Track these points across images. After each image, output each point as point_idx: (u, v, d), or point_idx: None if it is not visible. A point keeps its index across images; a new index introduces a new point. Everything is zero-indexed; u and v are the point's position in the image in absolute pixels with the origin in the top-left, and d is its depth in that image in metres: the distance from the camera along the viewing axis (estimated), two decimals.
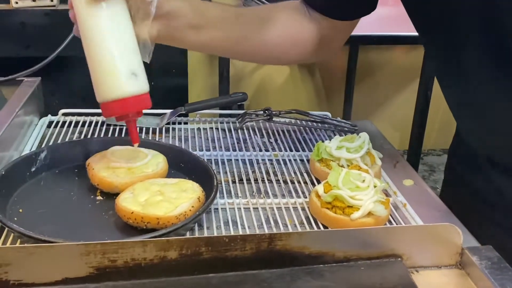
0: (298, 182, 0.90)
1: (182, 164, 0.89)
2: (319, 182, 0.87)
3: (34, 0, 1.28)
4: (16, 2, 1.26)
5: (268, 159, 0.97)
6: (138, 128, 1.05)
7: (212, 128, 1.09)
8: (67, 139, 1.01)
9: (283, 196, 0.86)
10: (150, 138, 1.02)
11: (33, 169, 0.86)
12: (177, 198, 0.76)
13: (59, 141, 1.00)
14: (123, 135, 1.03)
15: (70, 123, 1.07)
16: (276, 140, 1.06)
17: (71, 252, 0.59)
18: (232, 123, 1.12)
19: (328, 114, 1.14)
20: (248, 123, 1.10)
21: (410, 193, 0.88)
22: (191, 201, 0.76)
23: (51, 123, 1.08)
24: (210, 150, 1.00)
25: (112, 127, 1.05)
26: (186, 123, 1.10)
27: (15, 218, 0.76)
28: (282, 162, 0.97)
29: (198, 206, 0.76)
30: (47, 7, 1.29)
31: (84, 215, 0.79)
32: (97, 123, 1.07)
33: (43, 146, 0.98)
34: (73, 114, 1.10)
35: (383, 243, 0.66)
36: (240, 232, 0.76)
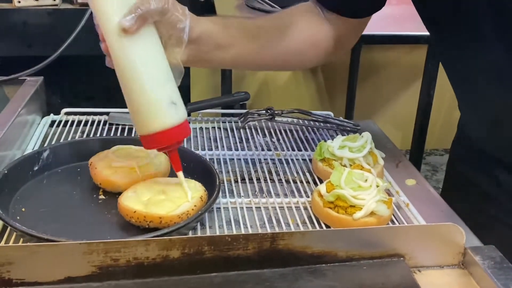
0: (301, 182, 0.90)
1: (184, 164, 0.89)
2: (321, 182, 0.87)
3: (37, 0, 1.28)
4: (19, 1, 1.26)
5: (271, 159, 0.97)
6: None
7: (215, 127, 1.09)
8: (69, 138, 1.01)
9: (286, 195, 0.86)
10: None
11: (35, 168, 0.86)
12: (179, 198, 0.76)
13: (61, 140, 1.00)
14: (125, 134, 1.03)
15: (73, 122, 1.07)
16: (278, 139, 1.06)
17: (73, 251, 0.59)
18: (235, 122, 1.12)
19: (331, 113, 1.14)
20: (251, 123, 1.10)
21: (412, 192, 0.88)
22: (193, 200, 0.76)
23: (53, 122, 1.08)
24: (212, 150, 1.00)
25: (114, 127, 1.06)
26: (188, 123, 1.10)
27: (18, 217, 0.76)
28: (284, 161, 0.97)
29: (201, 206, 0.76)
30: (50, 7, 1.29)
31: (87, 214, 0.79)
32: (99, 122, 1.07)
33: (45, 145, 0.98)
34: (75, 114, 1.10)
35: (386, 242, 0.66)
36: (243, 232, 0.76)
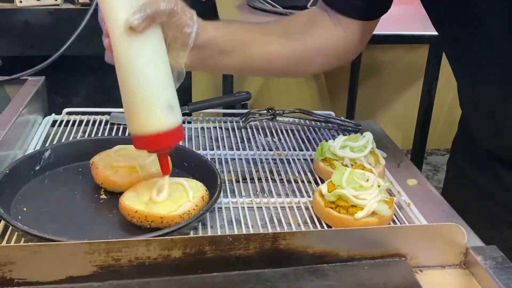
0: (302, 182, 0.90)
1: (185, 163, 0.89)
2: (322, 182, 0.87)
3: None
4: (20, 1, 1.26)
5: (272, 159, 0.97)
6: None
7: (216, 127, 1.09)
8: (71, 138, 1.01)
9: (287, 195, 0.86)
10: None
11: (37, 168, 0.86)
12: (180, 197, 0.76)
13: (63, 140, 1.00)
14: (127, 134, 1.03)
15: (74, 122, 1.07)
16: (279, 139, 1.06)
17: (75, 251, 0.60)
18: (236, 122, 1.12)
19: (332, 113, 1.14)
20: (252, 123, 1.10)
21: (414, 192, 0.88)
22: (194, 200, 0.76)
23: (55, 122, 1.08)
24: (213, 149, 1.00)
25: (116, 126, 1.06)
26: (189, 123, 1.11)
27: (19, 217, 0.76)
28: (285, 161, 0.97)
29: (202, 205, 0.76)
30: (51, 6, 1.29)
31: (88, 214, 0.79)
32: (101, 122, 1.07)
33: (47, 145, 0.98)
34: (77, 113, 1.10)
35: (387, 242, 0.66)
36: (244, 231, 0.76)
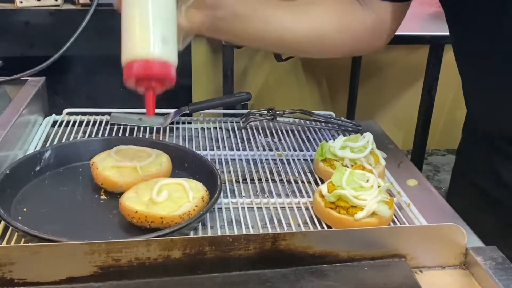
0: (302, 182, 0.90)
1: (186, 164, 0.89)
2: (323, 182, 0.87)
3: (39, 0, 1.28)
4: (21, 2, 1.26)
5: (272, 159, 0.97)
6: (142, 128, 1.05)
7: (216, 127, 1.09)
8: (71, 139, 1.01)
9: (287, 195, 0.86)
10: (154, 138, 1.02)
11: (37, 168, 0.86)
12: (180, 198, 0.76)
13: (63, 140, 1.00)
14: (127, 135, 1.03)
15: (74, 122, 1.07)
16: (280, 139, 1.06)
17: (75, 251, 0.60)
18: (236, 122, 1.12)
19: (332, 114, 1.14)
20: (252, 123, 1.10)
21: (414, 193, 0.88)
22: (195, 200, 0.76)
23: (55, 122, 1.08)
24: (214, 150, 1.00)
25: (116, 127, 1.06)
26: (190, 123, 1.11)
27: (20, 217, 0.76)
28: (286, 161, 0.97)
29: (202, 206, 0.76)
30: (52, 7, 1.29)
31: (88, 215, 0.79)
32: (101, 122, 1.07)
33: (47, 145, 0.98)
34: (77, 114, 1.10)
35: (387, 243, 0.66)
36: (244, 232, 0.76)
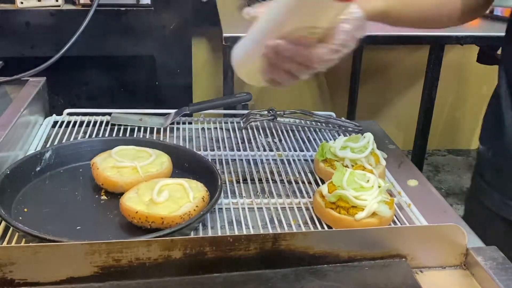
0: (302, 182, 0.90)
1: (186, 164, 0.89)
2: (323, 182, 0.87)
3: (39, 0, 1.28)
4: (21, 2, 1.26)
5: (272, 159, 0.97)
6: (142, 128, 1.05)
7: (217, 128, 1.09)
8: (71, 139, 1.01)
9: (287, 196, 0.86)
10: (155, 138, 1.03)
11: (38, 168, 0.86)
12: (181, 198, 0.76)
13: (63, 140, 1.00)
14: (127, 135, 1.03)
15: (75, 123, 1.07)
16: (280, 140, 1.06)
17: (75, 252, 0.60)
18: (237, 123, 1.12)
19: (333, 114, 1.14)
20: (252, 123, 1.10)
21: (414, 193, 0.88)
22: (195, 201, 0.76)
23: (56, 123, 1.08)
24: (214, 150, 1.00)
25: (116, 127, 1.06)
26: (190, 123, 1.11)
27: (20, 218, 0.76)
28: (286, 162, 0.97)
29: (203, 206, 0.76)
30: (52, 7, 1.29)
31: (89, 215, 0.79)
32: (101, 123, 1.07)
33: (48, 145, 0.98)
34: (77, 114, 1.10)
35: (388, 243, 0.66)
36: (244, 232, 0.76)
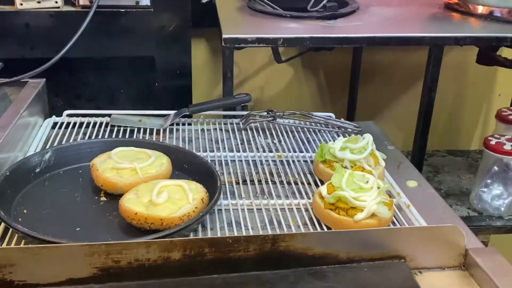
0: (302, 183, 0.90)
1: (185, 165, 0.89)
2: (322, 183, 0.87)
3: (39, 2, 1.28)
4: (21, 4, 1.26)
5: (272, 160, 0.97)
6: (142, 130, 1.05)
7: (216, 129, 1.09)
8: (71, 140, 1.01)
9: (287, 197, 0.86)
10: (154, 139, 1.03)
11: (37, 170, 0.86)
12: (180, 199, 0.76)
13: (63, 142, 1.00)
14: (127, 136, 1.03)
15: (75, 124, 1.07)
16: (279, 141, 1.06)
17: (75, 253, 0.60)
18: (236, 124, 1.12)
19: (332, 115, 1.14)
20: (252, 124, 1.10)
21: (413, 194, 0.88)
22: (194, 202, 0.76)
23: (55, 124, 1.08)
24: (214, 151, 1.00)
25: (116, 128, 1.06)
26: (190, 124, 1.11)
27: (20, 219, 0.76)
28: (285, 163, 0.97)
29: (202, 207, 0.76)
30: (52, 9, 1.29)
31: (88, 216, 0.79)
32: (101, 124, 1.07)
33: (47, 147, 0.98)
34: (77, 115, 1.10)
35: (387, 244, 0.66)
36: (244, 233, 0.76)
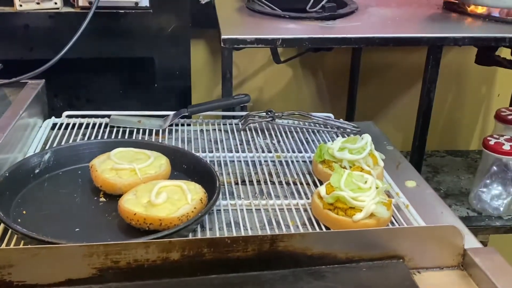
0: (301, 184, 0.90)
1: (185, 166, 0.90)
2: (321, 184, 0.87)
3: (38, 3, 1.28)
4: (20, 5, 1.26)
5: (271, 161, 0.98)
6: (141, 130, 1.06)
7: (215, 129, 1.10)
8: (70, 141, 1.01)
9: (286, 197, 0.86)
10: (153, 140, 1.03)
11: (36, 171, 0.86)
12: (179, 200, 0.76)
13: (62, 143, 1.00)
14: (126, 137, 1.03)
15: (74, 125, 1.07)
16: (278, 141, 1.06)
17: (74, 254, 0.60)
18: (235, 124, 1.12)
19: (331, 115, 1.15)
20: (251, 125, 1.11)
21: (412, 194, 0.88)
22: (193, 202, 0.76)
23: (54, 125, 1.08)
24: (213, 152, 1.00)
25: (115, 129, 1.06)
26: (189, 125, 1.11)
27: (19, 220, 0.76)
28: (284, 163, 0.97)
29: (201, 208, 0.76)
30: (51, 10, 1.29)
31: (87, 217, 0.79)
32: (100, 125, 1.07)
33: (47, 148, 0.98)
34: (76, 116, 1.10)
35: (385, 244, 0.66)
36: (243, 234, 0.76)
